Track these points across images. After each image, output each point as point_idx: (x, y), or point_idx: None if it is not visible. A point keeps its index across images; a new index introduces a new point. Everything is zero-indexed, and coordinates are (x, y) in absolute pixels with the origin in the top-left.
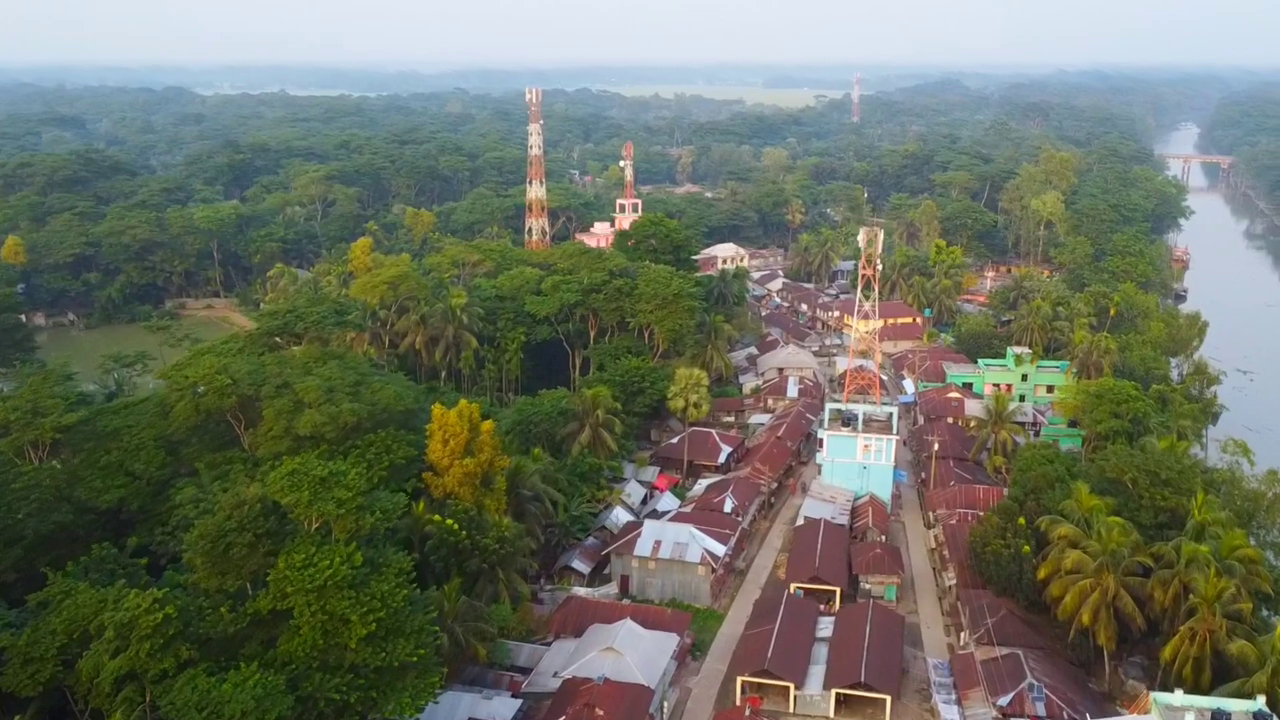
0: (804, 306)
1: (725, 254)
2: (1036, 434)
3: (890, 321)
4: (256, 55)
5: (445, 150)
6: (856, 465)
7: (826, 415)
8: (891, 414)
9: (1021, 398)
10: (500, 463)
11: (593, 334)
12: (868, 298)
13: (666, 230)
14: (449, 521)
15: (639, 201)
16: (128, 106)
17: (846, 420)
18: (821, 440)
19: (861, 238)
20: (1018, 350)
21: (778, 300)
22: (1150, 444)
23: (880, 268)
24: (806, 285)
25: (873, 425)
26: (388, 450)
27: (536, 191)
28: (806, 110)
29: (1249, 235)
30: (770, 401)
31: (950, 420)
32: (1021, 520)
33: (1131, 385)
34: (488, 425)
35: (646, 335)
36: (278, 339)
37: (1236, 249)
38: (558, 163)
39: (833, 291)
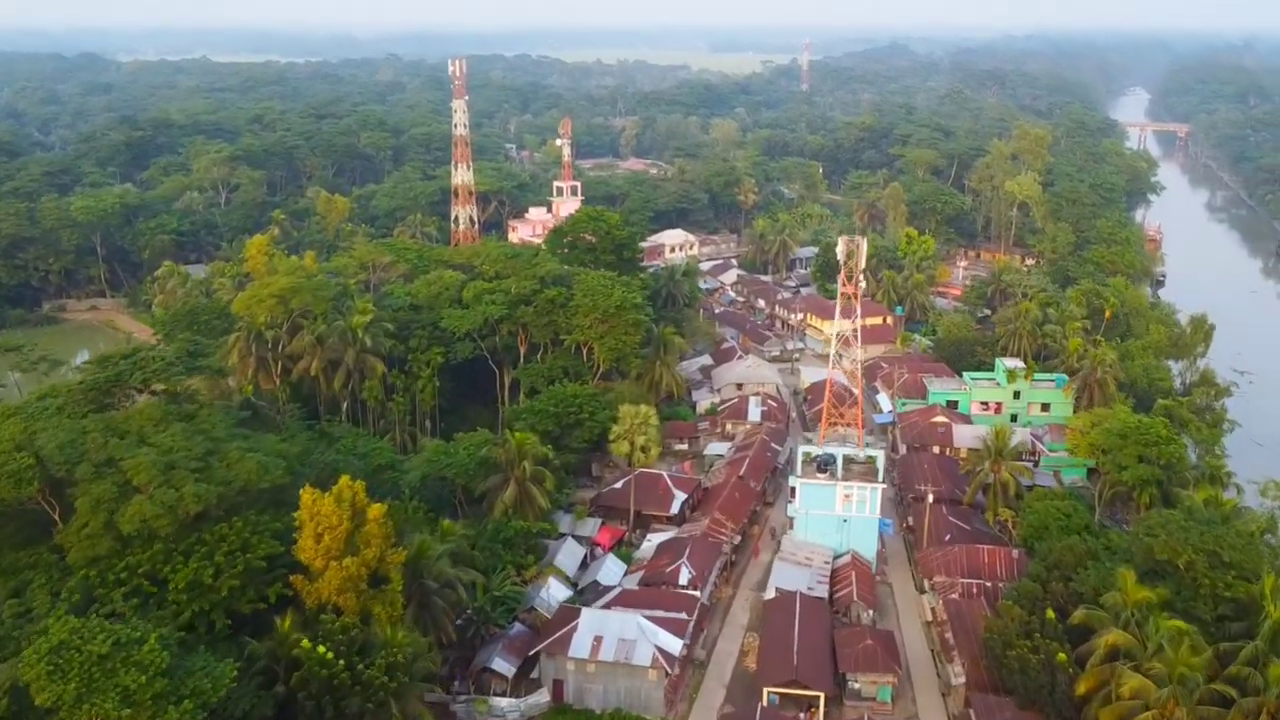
0: (761, 303)
1: (674, 241)
2: (1035, 463)
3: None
4: (184, 16)
5: (367, 125)
6: (835, 518)
7: (799, 458)
8: (876, 458)
9: (1014, 417)
10: (394, 558)
11: (523, 350)
12: (847, 315)
13: (607, 226)
14: (321, 648)
15: (578, 184)
16: (33, 75)
17: (822, 465)
18: (793, 489)
19: (841, 249)
20: (1009, 364)
21: (731, 295)
22: (1190, 503)
23: (864, 285)
24: (763, 278)
25: (854, 471)
26: (243, 548)
27: (462, 176)
28: (754, 77)
29: (1213, 209)
30: (729, 427)
31: (937, 449)
32: (1051, 613)
33: (1161, 423)
34: (375, 512)
35: (585, 353)
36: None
37: (1205, 226)
38: (493, 138)
39: (792, 283)
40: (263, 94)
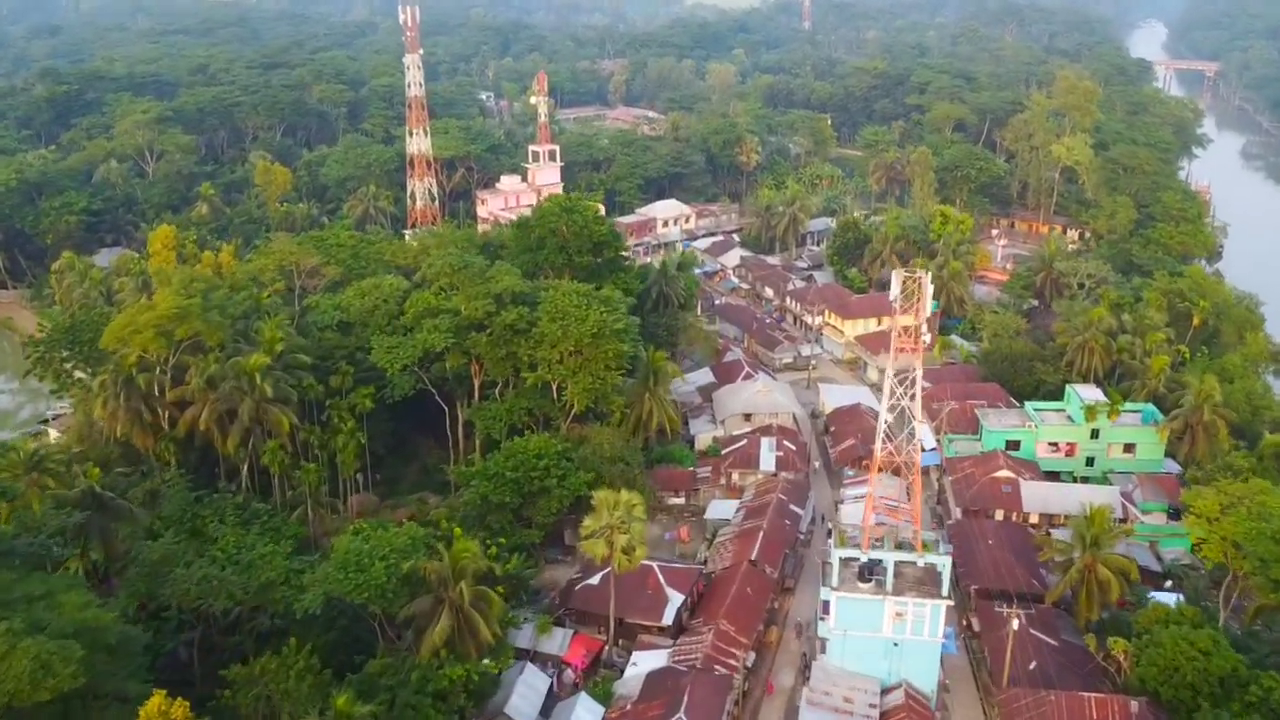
0: (769, 291)
1: (667, 214)
2: (1126, 532)
3: (884, 323)
4: None
5: (322, 77)
6: (883, 641)
7: (833, 563)
8: (940, 566)
9: (1089, 461)
10: None
11: (478, 382)
12: (908, 392)
13: (583, 220)
14: None
15: (556, 147)
16: None
17: (866, 572)
18: (827, 604)
19: (895, 286)
20: (1086, 394)
21: (734, 280)
22: None
23: (928, 341)
24: (771, 260)
25: (908, 578)
26: None
27: (419, 144)
28: (752, 13)
29: (1250, 157)
30: (736, 477)
31: (1000, 514)
32: None
33: None
34: None
35: (555, 388)
36: None
37: (1250, 179)
38: (466, 87)
39: (803, 265)
40: (220, 37)
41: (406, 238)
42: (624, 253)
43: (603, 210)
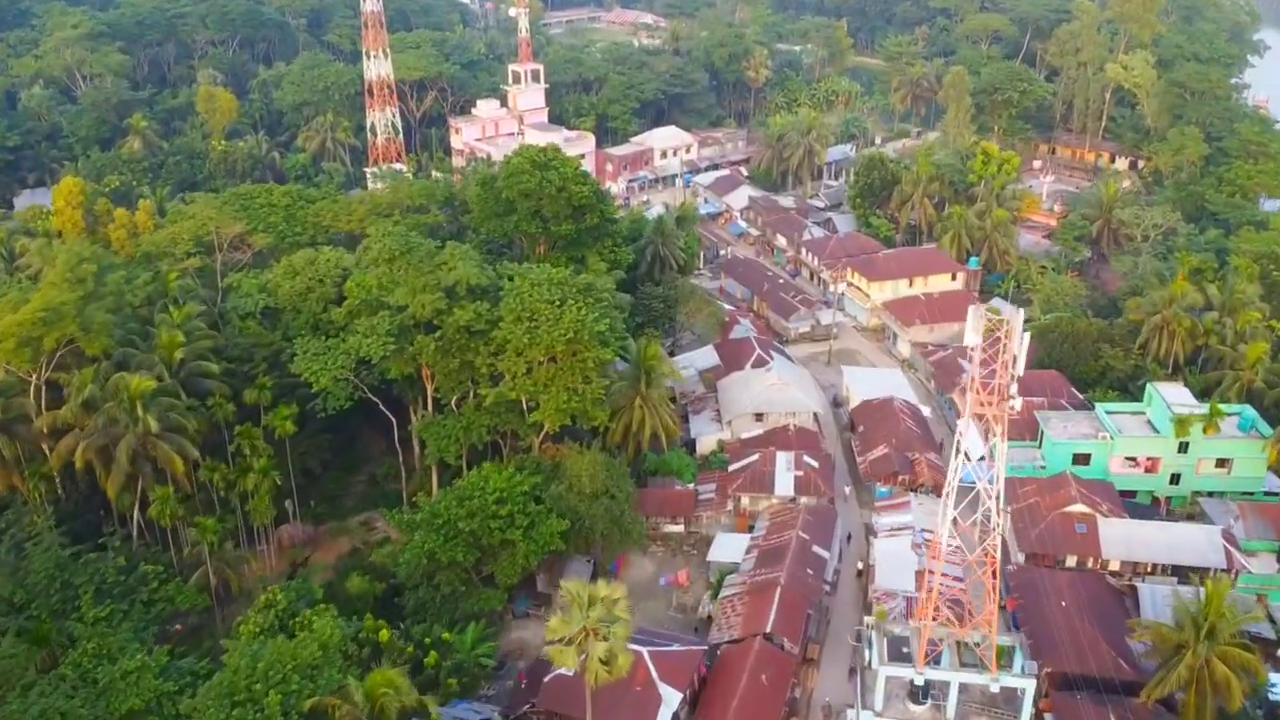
0: (781, 240)
1: (666, 143)
2: (1233, 577)
3: (916, 285)
4: None
5: None
6: None
7: (878, 682)
8: (1021, 691)
9: (1175, 478)
10: None
11: (430, 389)
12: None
13: (560, 179)
14: None
15: (540, 67)
16: None
17: (919, 694)
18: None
19: (973, 327)
20: (1174, 398)
21: (741, 225)
22: None
23: (1016, 401)
24: (784, 202)
25: (974, 698)
26: None
27: (379, 68)
28: None
29: None
30: (745, 501)
31: (1073, 560)
32: None
33: None
34: None
35: (525, 400)
36: None
37: None
38: None
39: (820, 204)
40: None
41: (368, 177)
42: (611, 216)
43: (590, 155)
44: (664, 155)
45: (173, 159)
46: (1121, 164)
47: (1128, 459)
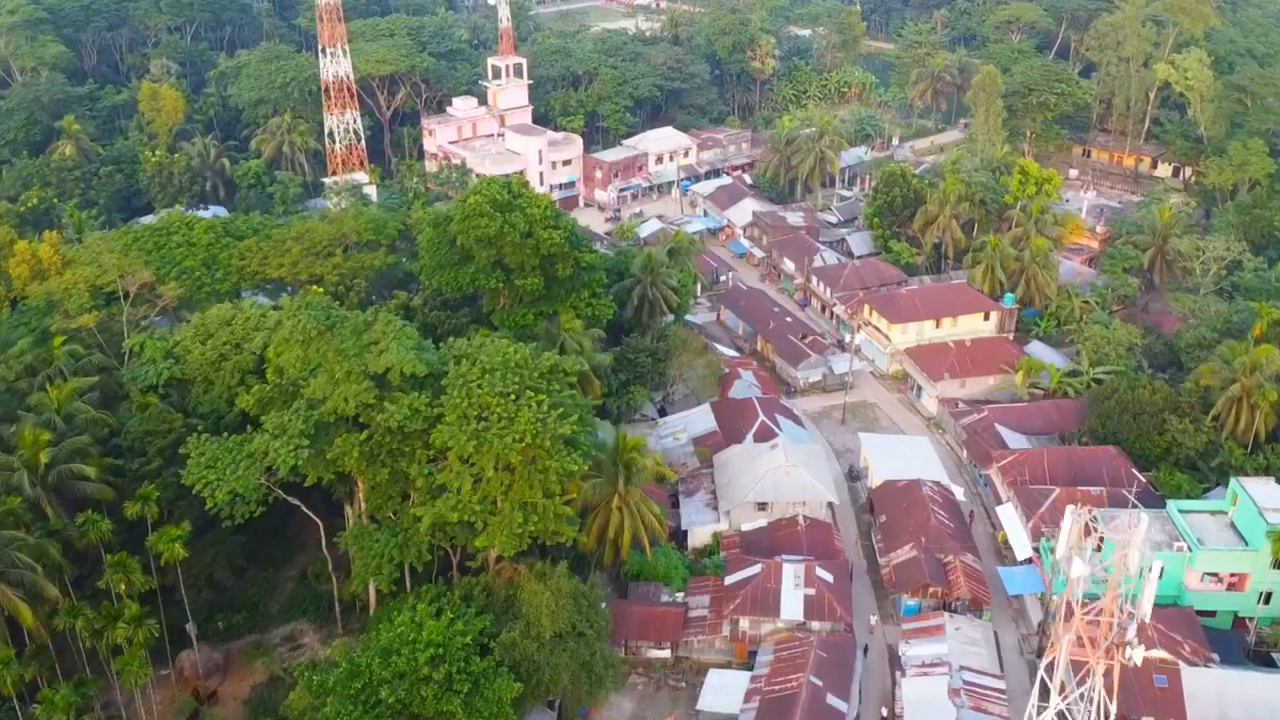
0: (789, 263)
1: (662, 147)
2: None
3: (944, 327)
4: None
5: None
6: None
7: None
8: None
9: (1266, 597)
10: None
11: (359, 494)
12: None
13: (526, 222)
14: None
15: (523, 61)
16: None
17: None
18: None
19: (1069, 540)
20: (1266, 499)
21: (744, 244)
22: None
23: (1135, 653)
24: (792, 219)
25: None
26: None
27: (334, 67)
28: None
29: None
30: (744, 625)
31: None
32: None
33: None
34: None
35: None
36: None
37: None
38: None
39: (833, 219)
40: None
41: (326, 188)
42: (589, 264)
43: (577, 160)
44: (659, 160)
45: (105, 169)
46: (1164, 170)
47: (1209, 575)
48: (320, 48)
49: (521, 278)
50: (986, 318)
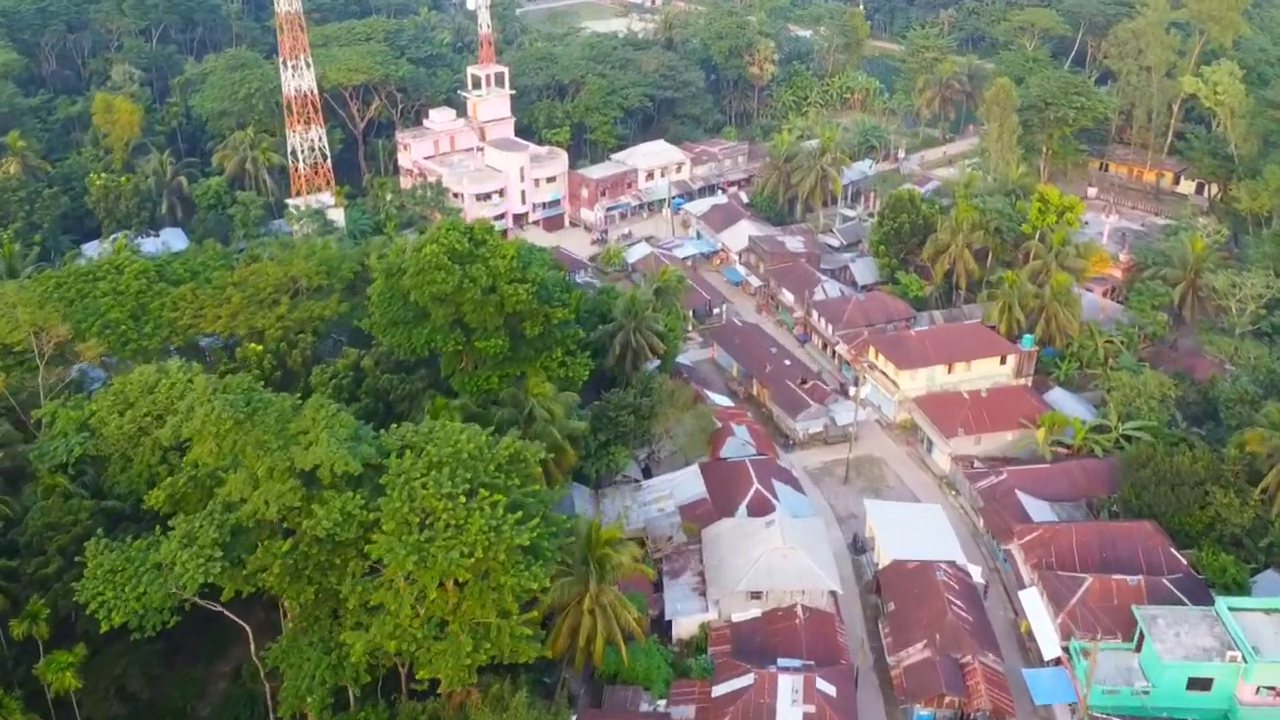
0: (787, 295)
1: (653, 162)
2: None
3: (957, 371)
4: None
5: None
6: None
7: None
8: None
9: None
10: None
11: (285, 616)
12: None
13: (488, 277)
14: None
15: (504, 69)
16: None
17: None
18: None
19: None
20: None
21: (740, 272)
22: None
23: None
24: (790, 242)
25: None
26: None
27: (297, 81)
28: None
29: None
30: None
31: None
32: None
33: None
34: None
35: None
36: None
37: None
38: None
39: (835, 242)
40: None
41: (288, 211)
42: (562, 320)
43: (562, 177)
44: (650, 176)
45: (48, 190)
46: (1187, 186)
47: (1269, 688)
48: (281, 60)
49: (483, 339)
50: (1003, 361)
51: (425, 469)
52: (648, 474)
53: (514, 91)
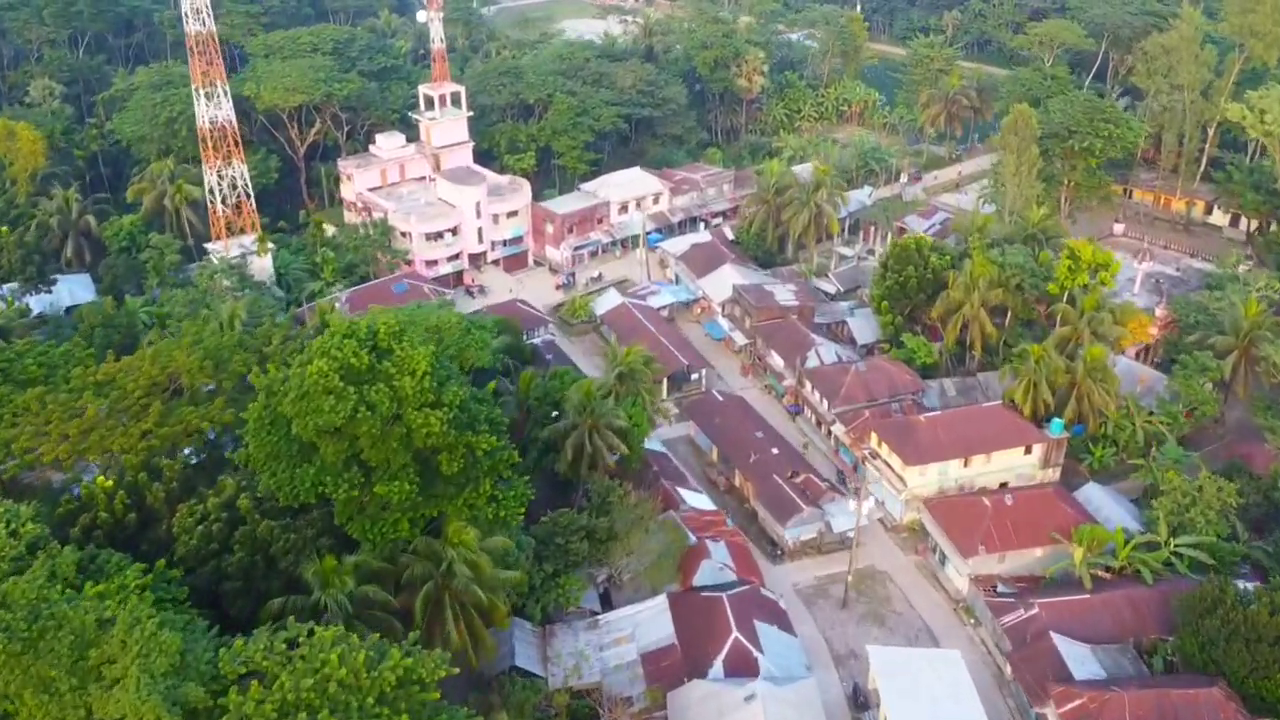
0: (777, 358)
1: (627, 193)
2: None
3: (974, 465)
4: None
5: None
6: None
7: None
8: None
9: None
10: None
11: None
12: None
13: (391, 404)
14: None
15: (460, 89)
16: None
17: None
18: None
19: None
20: None
21: (723, 327)
22: None
23: None
24: (781, 294)
25: None
26: None
27: (214, 111)
28: None
29: None
30: None
31: None
32: None
33: None
34: None
35: None
36: None
37: None
38: None
39: (831, 288)
40: None
41: (200, 266)
42: (491, 448)
43: (524, 211)
44: (624, 209)
45: None
46: (1220, 216)
47: None
48: (194, 87)
49: (385, 481)
50: (1028, 451)
51: (277, 713)
52: (606, 601)
53: (472, 113)
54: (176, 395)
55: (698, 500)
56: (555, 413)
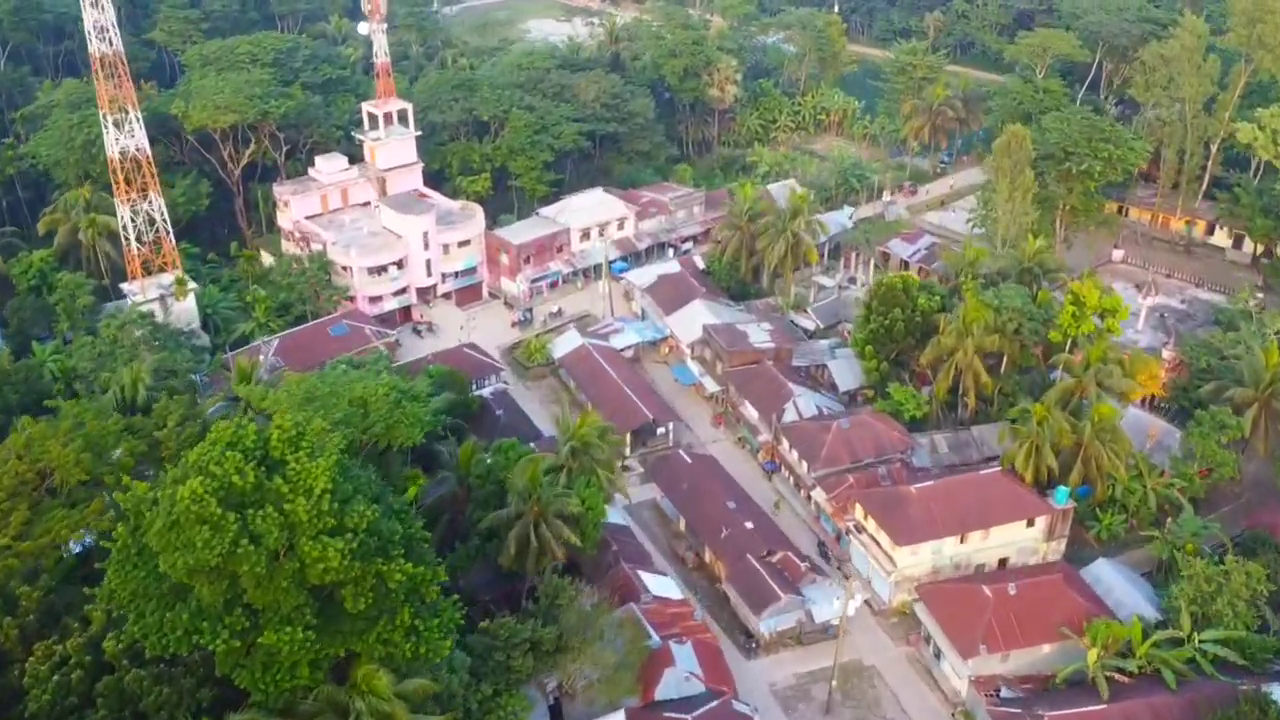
0: (751, 410)
1: (589, 219)
2: None
3: (970, 541)
4: None
5: None
6: None
7: None
8: None
9: None
10: None
11: None
12: None
13: (281, 534)
14: None
15: (407, 106)
16: None
17: None
18: None
19: None
20: None
21: (692, 371)
22: None
23: None
24: (757, 333)
25: None
26: None
27: (125, 140)
28: None
29: None
30: None
31: None
32: None
33: None
34: None
35: None
36: None
37: None
38: None
39: (810, 324)
40: None
41: (105, 317)
42: (406, 577)
43: (477, 240)
44: (585, 236)
45: None
46: (1222, 237)
47: None
48: (102, 114)
49: (275, 627)
50: (1031, 524)
51: None
52: (557, 713)
53: (420, 132)
54: (50, 494)
55: (662, 586)
56: (498, 498)
